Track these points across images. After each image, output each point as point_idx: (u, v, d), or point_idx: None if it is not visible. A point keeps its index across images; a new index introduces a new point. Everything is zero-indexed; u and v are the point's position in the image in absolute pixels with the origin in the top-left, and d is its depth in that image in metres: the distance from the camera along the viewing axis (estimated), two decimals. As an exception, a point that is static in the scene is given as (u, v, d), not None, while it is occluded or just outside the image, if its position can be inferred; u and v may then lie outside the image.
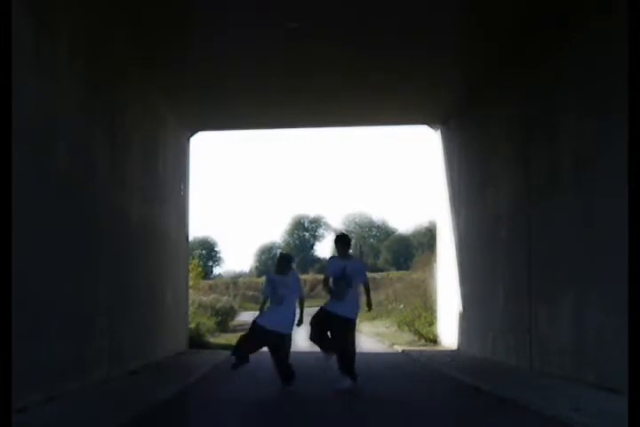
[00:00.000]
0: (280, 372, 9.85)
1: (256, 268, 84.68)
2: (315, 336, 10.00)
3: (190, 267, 22.50)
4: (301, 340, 11.46)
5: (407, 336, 20.73)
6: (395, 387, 10.38)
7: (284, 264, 10.03)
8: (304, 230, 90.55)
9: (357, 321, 10.25)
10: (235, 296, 42.09)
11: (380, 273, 60.49)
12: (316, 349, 10.15)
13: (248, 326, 10.39)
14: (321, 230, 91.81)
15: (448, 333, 17.66)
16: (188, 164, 18.51)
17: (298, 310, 9.84)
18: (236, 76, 14.03)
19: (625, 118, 7.08)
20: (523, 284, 11.85)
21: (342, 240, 10.17)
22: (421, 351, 16.30)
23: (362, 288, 10.09)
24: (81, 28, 9.73)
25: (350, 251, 10.37)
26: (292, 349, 10.00)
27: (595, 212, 9.08)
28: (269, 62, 13.21)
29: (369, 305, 10.43)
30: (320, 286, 15.52)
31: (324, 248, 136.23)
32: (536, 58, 11.18)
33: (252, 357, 10.03)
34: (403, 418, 7.80)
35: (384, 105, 16.34)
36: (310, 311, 10.11)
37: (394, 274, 54.38)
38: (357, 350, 10.12)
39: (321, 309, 10.07)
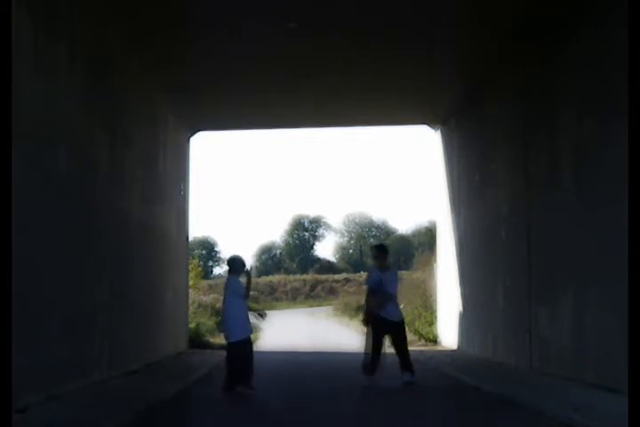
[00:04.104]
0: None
1: (256, 268, 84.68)
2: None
3: (190, 267, 22.48)
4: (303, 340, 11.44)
5: (407, 336, 20.68)
6: (394, 387, 10.37)
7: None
8: (304, 230, 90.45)
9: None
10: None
11: (379, 273, 60.31)
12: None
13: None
14: (321, 230, 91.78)
15: (448, 333, 17.66)
16: (188, 164, 18.51)
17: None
18: (236, 76, 14.02)
19: (625, 118, 7.09)
20: (523, 284, 11.84)
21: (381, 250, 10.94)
22: (421, 351, 16.28)
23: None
24: (81, 28, 9.73)
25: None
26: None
27: (595, 211, 9.07)
28: (269, 62, 13.21)
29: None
30: (320, 287, 15.71)
31: (324, 248, 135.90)
32: (536, 58, 11.17)
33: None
34: (402, 418, 7.80)
35: (384, 105, 16.34)
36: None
37: (394, 274, 54.23)
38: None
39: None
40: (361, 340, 10.79)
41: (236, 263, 10.03)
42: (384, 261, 10.79)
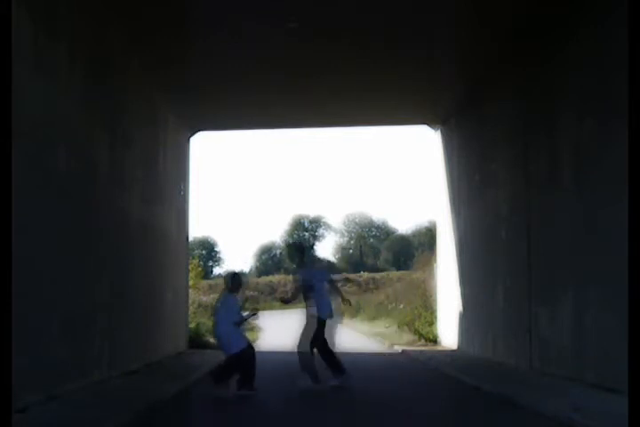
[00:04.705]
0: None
1: (256, 268, 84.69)
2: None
3: (190, 267, 22.48)
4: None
5: (407, 336, 20.71)
6: (394, 387, 10.38)
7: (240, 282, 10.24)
8: (304, 230, 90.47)
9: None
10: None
11: (379, 273, 60.56)
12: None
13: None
14: (321, 230, 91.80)
15: (448, 333, 17.66)
16: (188, 164, 18.51)
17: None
18: (236, 76, 14.02)
19: (625, 118, 7.09)
20: (523, 284, 11.84)
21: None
22: (421, 351, 16.30)
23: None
24: (81, 29, 9.73)
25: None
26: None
27: (595, 211, 9.08)
28: (269, 62, 13.21)
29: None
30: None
31: (324, 248, 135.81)
32: (536, 58, 11.17)
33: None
34: (403, 419, 7.80)
35: (384, 105, 16.34)
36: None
37: (394, 274, 54.42)
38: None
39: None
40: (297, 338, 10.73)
41: (234, 280, 10.04)
42: (303, 260, 10.93)
